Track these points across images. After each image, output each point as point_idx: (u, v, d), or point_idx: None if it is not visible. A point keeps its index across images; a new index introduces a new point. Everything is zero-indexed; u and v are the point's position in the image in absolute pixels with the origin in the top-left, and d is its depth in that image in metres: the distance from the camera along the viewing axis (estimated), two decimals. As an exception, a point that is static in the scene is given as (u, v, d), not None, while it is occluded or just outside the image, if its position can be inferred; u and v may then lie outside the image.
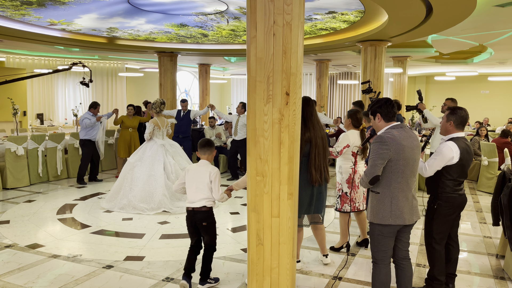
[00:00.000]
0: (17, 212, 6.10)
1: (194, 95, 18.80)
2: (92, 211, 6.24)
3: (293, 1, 3.00)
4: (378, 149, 2.93)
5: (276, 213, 3.15)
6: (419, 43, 10.56)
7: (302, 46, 3.18)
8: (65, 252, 4.55)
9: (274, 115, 3.07)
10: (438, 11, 5.26)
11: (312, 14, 6.36)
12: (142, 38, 8.89)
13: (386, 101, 3.17)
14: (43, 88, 13.57)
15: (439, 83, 17.81)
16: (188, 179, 3.73)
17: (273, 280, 3.19)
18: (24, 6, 6.08)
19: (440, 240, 3.50)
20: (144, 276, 3.98)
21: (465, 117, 3.41)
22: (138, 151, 6.62)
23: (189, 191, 3.72)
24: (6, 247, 4.71)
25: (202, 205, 3.66)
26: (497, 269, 4.28)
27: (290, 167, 3.15)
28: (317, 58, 12.35)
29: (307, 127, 3.91)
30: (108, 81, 14.90)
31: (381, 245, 3.05)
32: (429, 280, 3.65)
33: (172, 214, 6.09)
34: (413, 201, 3.05)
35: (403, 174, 2.96)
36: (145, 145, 6.62)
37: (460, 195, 3.45)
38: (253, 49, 3.08)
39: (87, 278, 3.91)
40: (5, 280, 3.84)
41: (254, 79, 3.09)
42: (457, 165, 3.34)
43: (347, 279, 3.98)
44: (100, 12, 6.57)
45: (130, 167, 6.41)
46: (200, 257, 3.78)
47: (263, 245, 3.19)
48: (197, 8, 6.37)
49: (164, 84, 9.95)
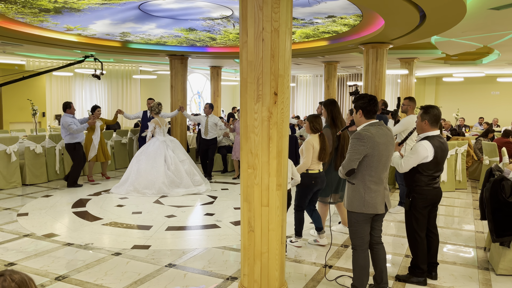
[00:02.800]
0: (35, 206, 6.52)
1: (207, 96, 19.20)
2: (104, 205, 6.62)
3: (281, 9, 3.30)
4: (355, 144, 3.22)
5: (266, 202, 3.45)
6: (425, 45, 10.70)
7: (290, 50, 3.47)
8: (78, 241, 4.93)
9: (263, 113, 3.37)
10: (431, 16, 5.49)
11: (312, 18, 6.64)
12: (154, 42, 9.29)
13: (370, 99, 3.43)
14: (62, 90, 14.13)
15: (448, 84, 17.85)
16: None
17: (263, 264, 3.49)
18: (42, 13, 6.51)
19: (420, 231, 3.75)
20: (148, 262, 4.32)
21: (438, 115, 3.65)
22: (143, 147, 7.65)
23: None
24: (24, 236, 5.12)
25: None
26: (482, 260, 4.49)
27: (279, 161, 3.45)
28: (325, 60, 12.58)
29: (335, 124, 4.82)
30: (123, 83, 15.41)
31: (358, 232, 3.33)
32: (412, 269, 3.90)
33: (178, 208, 6.45)
34: (384, 192, 3.32)
35: (376, 169, 3.24)
36: (149, 142, 7.60)
37: (435, 188, 3.70)
38: (244, 53, 3.39)
39: (97, 263, 4.27)
40: (22, 264, 4.22)
41: (246, 80, 3.40)
42: (432, 162, 3.60)
43: (337, 267, 4.25)
44: (113, 18, 6.97)
45: (136, 161, 7.48)
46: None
47: (254, 232, 3.49)
48: (204, 13, 6.71)
49: (175, 86, 10.33)
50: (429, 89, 18.37)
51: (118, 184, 7.60)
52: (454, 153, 7.96)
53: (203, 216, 6.16)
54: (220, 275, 4.02)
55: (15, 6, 6.03)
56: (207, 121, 8.92)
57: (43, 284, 3.77)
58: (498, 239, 3.95)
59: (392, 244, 4.98)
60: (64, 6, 6.10)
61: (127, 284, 3.79)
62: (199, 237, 5.18)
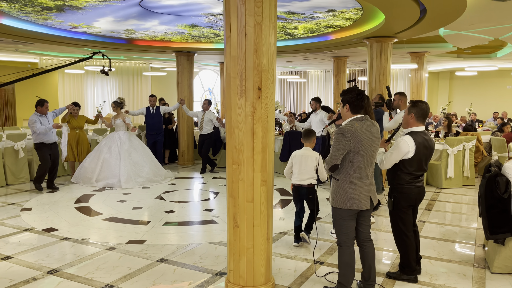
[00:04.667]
0: (39, 201, 6.65)
1: (217, 93, 19.24)
2: (107, 200, 6.71)
3: (264, 4, 3.27)
4: (338, 140, 3.17)
5: (250, 198, 3.44)
6: (435, 38, 10.45)
7: (275, 45, 3.44)
8: (75, 236, 5.00)
9: (247, 108, 3.35)
10: (431, 9, 5.37)
11: (312, 13, 6.57)
12: (159, 39, 9.34)
13: (358, 94, 3.36)
14: (73, 87, 14.36)
15: (461, 79, 17.46)
16: (296, 162, 4.57)
17: (248, 259, 3.48)
18: (45, 11, 6.61)
19: (407, 231, 3.67)
20: (141, 257, 4.36)
21: (425, 110, 3.55)
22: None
23: (297, 171, 4.56)
24: (24, 230, 5.22)
25: (309, 183, 4.55)
26: (479, 258, 4.39)
27: (263, 156, 3.43)
28: (334, 55, 12.46)
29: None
30: (133, 80, 15.57)
31: (343, 228, 3.28)
32: (402, 267, 3.83)
33: (179, 204, 6.50)
34: (370, 187, 3.26)
35: (360, 164, 3.18)
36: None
37: (417, 187, 3.60)
38: (228, 48, 3.37)
39: (90, 258, 4.33)
40: (18, 257, 4.31)
41: (230, 76, 3.39)
42: (413, 159, 3.50)
43: (329, 263, 4.21)
44: (115, 15, 7.03)
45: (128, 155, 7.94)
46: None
47: (239, 227, 3.48)
48: (205, 9, 6.71)
49: (181, 82, 10.38)
50: (442, 83, 18.01)
51: (125, 181, 7.67)
52: (461, 149, 7.79)
53: (202, 211, 6.18)
54: (209, 270, 4.03)
55: (17, 4, 6.13)
56: (203, 116, 9.04)
57: (35, 277, 3.85)
58: (491, 236, 3.85)
59: (387, 240, 4.91)
60: (65, 4, 6.18)
61: (116, 279, 3.83)
62: (194, 233, 5.20)
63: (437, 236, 5.09)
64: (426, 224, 5.55)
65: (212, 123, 9.02)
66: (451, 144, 7.64)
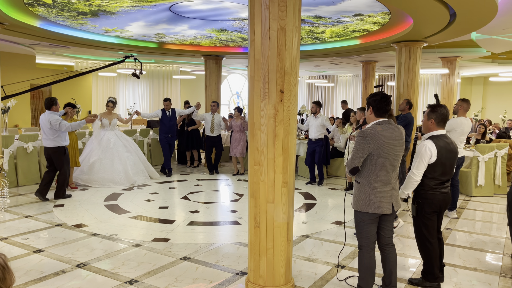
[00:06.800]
0: (72, 198, 6.90)
1: (245, 96, 19.41)
2: (135, 199, 6.90)
3: (288, 8, 3.33)
4: (359, 143, 3.17)
5: (271, 199, 3.48)
6: (468, 43, 10.22)
7: (298, 49, 3.49)
8: (103, 232, 5.18)
9: (269, 111, 3.41)
10: (461, 13, 5.28)
11: (340, 17, 6.57)
12: (188, 43, 9.54)
13: (382, 97, 3.36)
14: (106, 89, 14.83)
15: (496, 85, 16.93)
16: None
17: (268, 260, 3.53)
18: (81, 16, 6.89)
19: (430, 238, 3.62)
20: (165, 254, 4.47)
21: (445, 114, 3.50)
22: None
23: None
24: (56, 225, 5.45)
25: None
26: (507, 268, 4.28)
27: (285, 158, 3.47)
28: (363, 60, 12.35)
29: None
30: (164, 83, 15.93)
31: (364, 232, 3.28)
32: (425, 274, 3.78)
33: (204, 204, 6.61)
34: (392, 192, 3.23)
35: (382, 168, 3.17)
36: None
37: (442, 193, 3.54)
38: (252, 51, 3.44)
39: (117, 253, 4.48)
40: (49, 251, 4.51)
41: (253, 78, 3.46)
42: (436, 163, 3.44)
43: (350, 267, 4.20)
44: (146, 20, 7.25)
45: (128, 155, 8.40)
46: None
47: (259, 228, 3.54)
48: (233, 14, 6.83)
49: (209, 85, 10.55)
50: (476, 89, 17.52)
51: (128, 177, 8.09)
52: (493, 156, 7.58)
53: (226, 212, 6.27)
54: (230, 270, 4.10)
55: (55, 10, 6.42)
56: (213, 118, 9.21)
57: (64, 270, 4.02)
58: (519, 246, 3.74)
59: (412, 246, 4.84)
60: (99, 9, 6.43)
61: (141, 274, 3.95)
62: (218, 233, 5.29)
63: (464, 244, 4.98)
64: (453, 232, 5.44)
65: (220, 125, 9.22)
66: (482, 151, 7.45)
